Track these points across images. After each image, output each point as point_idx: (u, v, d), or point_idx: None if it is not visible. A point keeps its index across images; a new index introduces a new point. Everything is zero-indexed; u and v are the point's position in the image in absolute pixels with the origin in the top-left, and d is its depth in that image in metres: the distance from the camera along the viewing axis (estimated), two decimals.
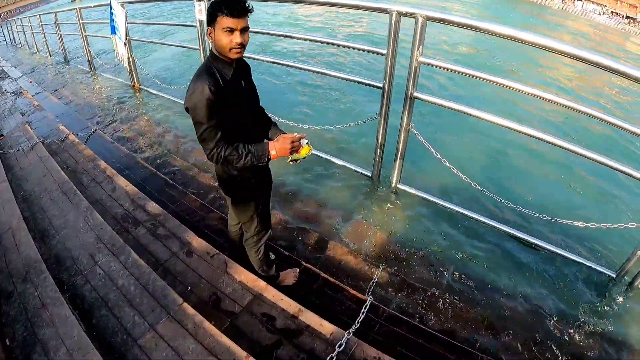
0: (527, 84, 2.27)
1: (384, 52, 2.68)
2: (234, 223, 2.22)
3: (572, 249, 2.73)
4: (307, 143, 1.68)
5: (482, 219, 2.85)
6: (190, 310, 1.84)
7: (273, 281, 2.22)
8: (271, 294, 2.03)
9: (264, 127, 1.85)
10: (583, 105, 2.13)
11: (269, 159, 1.65)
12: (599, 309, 2.36)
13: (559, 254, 2.62)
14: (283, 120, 3.60)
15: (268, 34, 3.83)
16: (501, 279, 2.54)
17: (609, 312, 2.34)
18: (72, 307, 2.02)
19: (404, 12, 2.48)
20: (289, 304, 1.96)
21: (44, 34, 9.31)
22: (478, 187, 2.72)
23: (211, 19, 1.49)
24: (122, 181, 3.20)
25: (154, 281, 2.03)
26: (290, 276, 2.30)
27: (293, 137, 1.64)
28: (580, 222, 2.44)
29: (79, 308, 2.03)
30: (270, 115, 1.94)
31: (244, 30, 1.50)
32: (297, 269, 2.35)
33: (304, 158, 1.71)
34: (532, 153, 4.51)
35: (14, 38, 13.50)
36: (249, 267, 2.19)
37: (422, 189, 3.16)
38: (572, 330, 2.21)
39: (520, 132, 2.36)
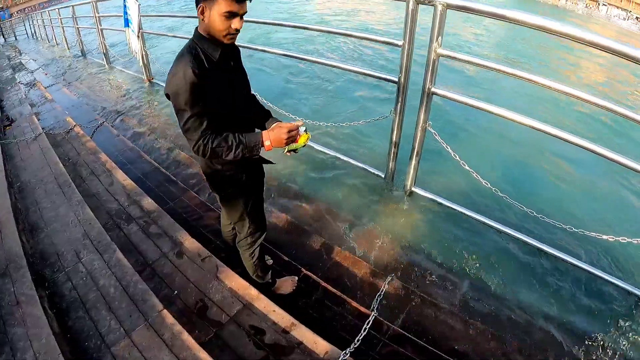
0: (557, 80, 2.01)
1: (400, 43, 2.46)
2: (227, 223, 2.03)
3: (599, 265, 2.45)
4: (305, 130, 1.47)
5: (502, 228, 2.59)
6: (169, 318, 1.65)
7: (268, 289, 2.02)
8: (263, 304, 1.82)
9: (258, 117, 1.65)
10: (622, 107, 1.86)
11: (260, 157, 1.45)
12: (629, 332, 2.09)
13: (586, 270, 2.35)
14: (293, 116, 3.40)
15: (278, 24, 3.63)
16: (522, 297, 2.28)
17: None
18: (50, 306, 1.87)
19: None
20: (282, 317, 1.75)
21: (62, 27, 9.39)
22: (499, 193, 2.46)
23: None
24: (120, 175, 3.06)
25: (136, 283, 1.85)
26: (287, 284, 2.09)
27: (290, 126, 1.44)
28: (610, 236, 2.17)
29: (57, 307, 1.89)
30: (269, 106, 1.75)
31: (243, 15, 1.34)
32: (296, 277, 2.13)
33: (302, 147, 1.51)
34: (561, 158, 4.18)
35: (34, 32, 13.75)
36: (242, 273, 1.99)
37: (438, 192, 2.90)
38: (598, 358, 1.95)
39: (547, 133, 2.09)
